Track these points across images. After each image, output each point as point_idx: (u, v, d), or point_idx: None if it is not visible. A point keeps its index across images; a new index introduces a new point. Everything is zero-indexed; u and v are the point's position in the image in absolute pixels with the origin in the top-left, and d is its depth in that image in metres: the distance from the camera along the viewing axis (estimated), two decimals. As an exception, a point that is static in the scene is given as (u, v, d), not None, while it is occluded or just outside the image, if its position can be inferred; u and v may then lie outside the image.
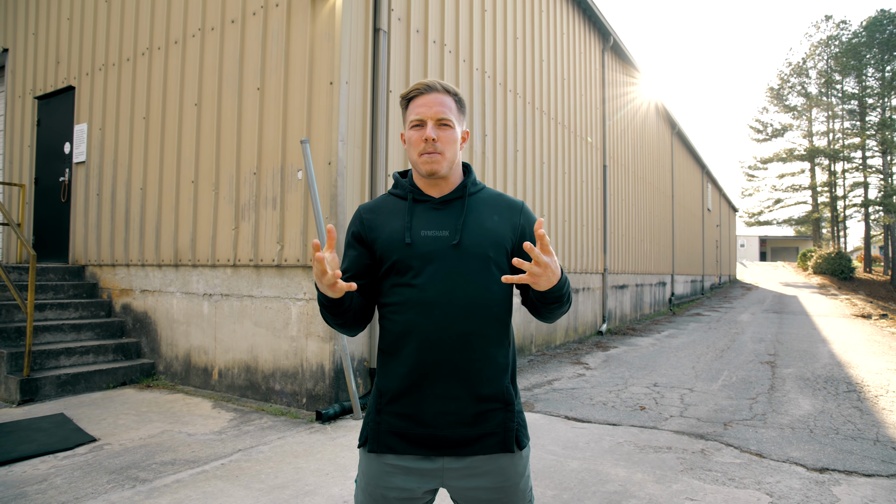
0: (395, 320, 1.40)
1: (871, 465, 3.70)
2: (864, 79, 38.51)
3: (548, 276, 1.24)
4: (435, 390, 1.36)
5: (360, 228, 1.48)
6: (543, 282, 1.24)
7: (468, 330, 1.36)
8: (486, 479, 1.38)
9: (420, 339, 1.36)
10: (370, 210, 1.50)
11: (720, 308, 17.87)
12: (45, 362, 5.34)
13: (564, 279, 1.33)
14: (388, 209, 1.48)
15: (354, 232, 1.49)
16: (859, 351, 8.83)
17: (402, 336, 1.38)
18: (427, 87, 1.43)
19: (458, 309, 1.36)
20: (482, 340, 1.38)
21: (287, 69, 5.14)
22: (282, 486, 3.22)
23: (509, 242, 1.45)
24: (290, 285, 5.01)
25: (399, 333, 1.39)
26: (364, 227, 1.47)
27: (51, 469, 3.44)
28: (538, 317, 1.45)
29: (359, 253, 1.47)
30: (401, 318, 1.38)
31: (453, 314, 1.36)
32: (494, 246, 1.41)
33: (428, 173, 1.42)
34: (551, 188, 9.10)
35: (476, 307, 1.37)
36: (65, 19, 7.42)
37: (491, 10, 7.42)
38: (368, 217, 1.48)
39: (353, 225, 1.50)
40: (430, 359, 1.36)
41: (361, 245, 1.47)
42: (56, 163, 7.46)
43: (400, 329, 1.39)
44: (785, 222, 48.78)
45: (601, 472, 3.52)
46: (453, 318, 1.36)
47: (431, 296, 1.35)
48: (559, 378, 6.60)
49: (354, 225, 1.50)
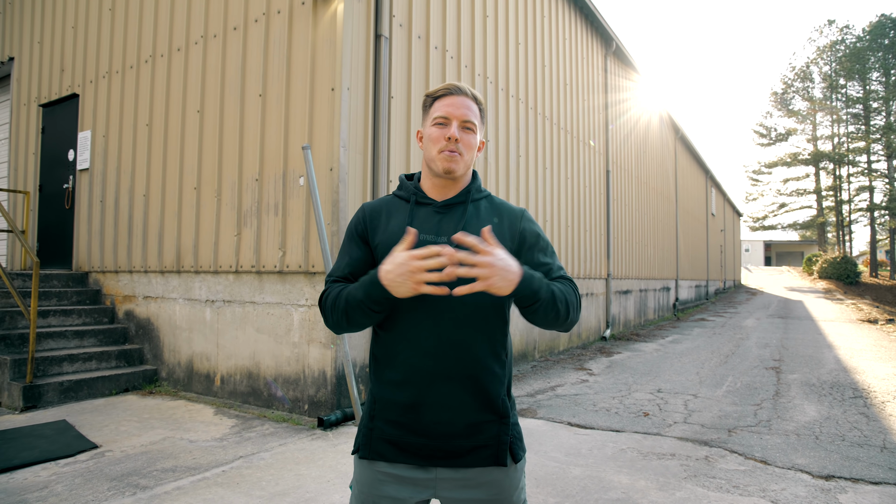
0: (389, 327, 1.38)
1: (879, 473, 3.66)
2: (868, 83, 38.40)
3: (500, 277, 1.17)
4: (428, 399, 1.34)
5: (364, 227, 1.46)
6: (497, 282, 1.17)
7: (464, 338, 1.35)
8: (479, 491, 1.36)
9: (415, 347, 1.35)
10: (374, 209, 1.48)
11: (725, 313, 17.79)
12: (48, 369, 5.35)
13: (532, 281, 1.25)
14: (391, 211, 1.47)
15: (358, 230, 1.47)
16: (866, 356, 8.76)
17: (396, 343, 1.37)
18: (457, 88, 1.43)
19: (454, 317, 1.34)
20: (478, 350, 1.36)
21: (289, 75, 5.15)
22: (283, 494, 3.20)
23: (508, 249, 1.44)
24: (292, 291, 5.00)
25: (393, 340, 1.38)
26: (367, 226, 1.46)
27: (52, 476, 3.44)
28: (536, 324, 1.41)
29: (361, 251, 1.45)
30: (395, 325, 1.37)
31: (449, 322, 1.34)
32: None
33: (445, 171, 1.40)
34: (554, 193, 9.09)
35: (472, 316, 1.36)
36: (69, 27, 7.48)
37: (493, 15, 7.44)
38: (372, 216, 1.47)
39: (357, 222, 1.48)
40: (425, 367, 1.34)
41: (364, 243, 1.45)
42: (60, 170, 7.50)
43: (394, 336, 1.37)
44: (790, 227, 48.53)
45: (604, 480, 3.49)
46: (449, 327, 1.34)
47: (427, 303, 1.33)
48: (562, 384, 6.57)
49: (358, 222, 1.48)
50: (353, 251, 1.45)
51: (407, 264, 1.18)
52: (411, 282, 1.18)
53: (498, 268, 1.17)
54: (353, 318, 1.32)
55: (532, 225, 1.49)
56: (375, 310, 1.28)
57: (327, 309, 1.37)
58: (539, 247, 1.46)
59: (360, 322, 1.32)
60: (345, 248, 1.48)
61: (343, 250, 1.48)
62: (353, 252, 1.45)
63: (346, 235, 1.50)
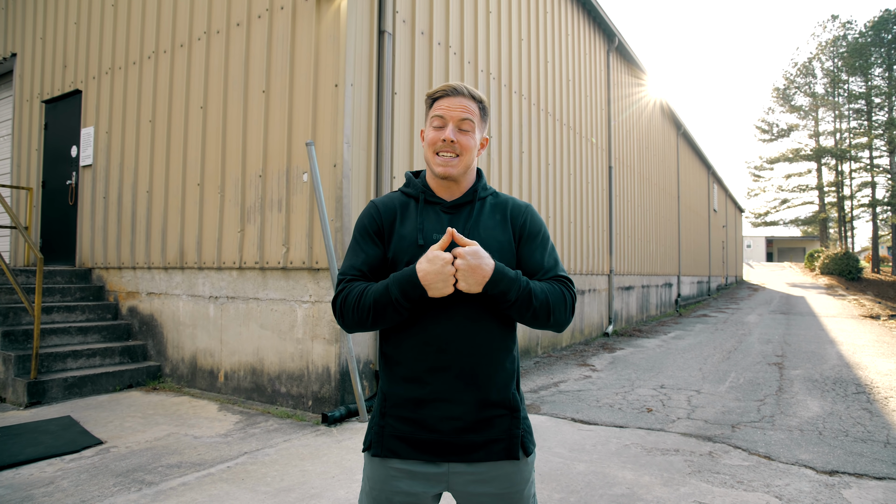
0: (400, 325, 1.38)
1: (882, 468, 3.66)
2: (870, 78, 38.28)
3: (467, 275, 1.25)
4: (440, 395, 1.34)
5: (378, 225, 1.44)
6: (465, 277, 1.25)
7: (474, 335, 1.35)
8: (492, 486, 1.37)
9: (425, 344, 1.35)
10: (386, 207, 1.47)
11: (727, 309, 17.78)
12: (52, 365, 5.36)
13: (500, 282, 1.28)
14: (399, 209, 1.46)
15: (372, 227, 1.45)
16: (868, 352, 8.75)
17: (407, 340, 1.37)
18: (454, 89, 1.43)
19: (464, 313, 1.34)
20: (488, 346, 1.37)
21: (292, 72, 5.14)
22: (287, 489, 3.21)
23: (514, 245, 1.44)
24: (296, 288, 5.01)
25: (404, 338, 1.38)
26: (380, 223, 1.45)
27: (57, 472, 3.45)
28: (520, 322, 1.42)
29: (377, 248, 1.43)
30: (406, 323, 1.37)
31: (460, 319, 1.34)
32: (499, 250, 1.40)
33: (441, 175, 1.42)
34: (557, 189, 9.08)
35: (482, 312, 1.36)
36: (72, 24, 7.47)
37: (496, 12, 7.42)
38: (384, 213, 1.46)
39: (371, 220, 1.46)
40: (436, 364, 1.34)
41: (380, 238, 1.44)
42: (63, 166, 7.50)
43: (405, 333, 1.37)
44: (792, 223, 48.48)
45: (608, 475, 3.50)
46: (460, 323, 1.34)
47: (438, 300, 1.33)
48: (565, 380, 6.57)
49: (372, 220, 1.45)
50: (369, 248, 1.43)
51: (446, 265, 1.25)
52: (450, 283, 1.25)
53: (462, 270, 1.25)
54: (381, 317, 1.31)
55: (534, 220, 1.49)
56: (409, 308, 1.30)
57: (348, 308, 1.34)
58: (537, 243, 1.46)
59: (389, 320, 1.33)
60: (358, 245, 1.45)
61: (356, 247, 1.45)
62: (369, 249, 1.43)
63: (357, 231, 1.48)
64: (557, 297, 1.36)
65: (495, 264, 1.29)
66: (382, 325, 1.34)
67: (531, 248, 1.44)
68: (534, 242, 1.45)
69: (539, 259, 1.43)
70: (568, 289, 1.39)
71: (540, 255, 1.44)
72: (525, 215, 1.48)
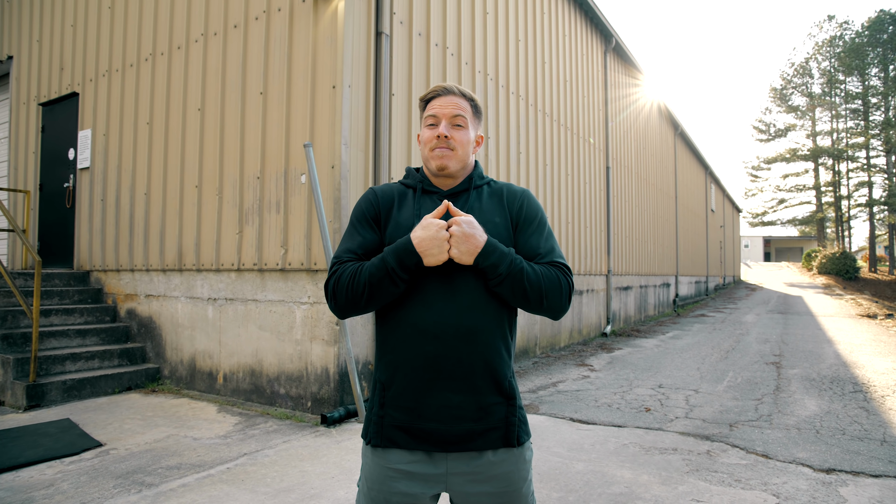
0: (395, 312, 1.38)
1: (879, 466, 3.68)
2: (867, 78, 38.39)
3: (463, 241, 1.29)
4: (437, 384, 1.34)
5: (376, 209, 1.46)
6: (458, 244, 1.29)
7: (471, 322, 1.35)
8: (490, 485, 1.37)
9: (422, 331, 1.34)
10: (385, 194, 1.49)
11: (725, 309, 17.82)
12: (50, 368, 5.36)
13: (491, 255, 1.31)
14: (398, 197, 1.48)
15: (370, 213, 1.46)
16: (865, 351, 8.78)
17: (403, 328, 1.37)
18: (444, 89, 1.46)
19: (460, 300, 1.35)
20: (485, 333, 1.36)
21: (290, 73, 5.15)
22: (287, 490, 3.22)
23: (511, 229, 1.45)
24: (295, 289, 5.02)
25: (400, 325, 1.37)
26: (378, 209, 1.46)
27: (57, 474, 3.45)
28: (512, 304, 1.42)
29: (374, 233, 1.44)
30: (402, 310, 1.37)
31: (456, 306, 1.34)
32: (496, 233, 1.40)
33: (437, 168, 1.43)
34: (554, 190, 9.10)
35: (479, 299, 1.36)
36: (68, 26, 7.47)
37: (493, 12, 7.44)
38: (382, 199, 1.48)
39: (369, 205, 1.47)
40: (433, 352, 1.33)
41: (377, 224, 1.45)
42: (60, 169, 7.50)
43: (401, 320, 1.37)
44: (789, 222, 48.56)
45: (607, 474, 3.51)
46: (456, 310, 1.34)
47: (434, 287, 1.34)
48: (564, 380, 6.59)
49: (370, 205, 1.47)
50: (366, 233, 1.44)
51: (441, 230, 1.29)
52: (444, 248, 1.29)
53: (457, 236, 1.29)
54: (377, 292, 1.32)
55: (530, 204, 1.49)
56: (405, 280, 1.31)
57: (342, 287, 1.34)
58: (534, 227, 1.46)
59: (385, 296, 1.33)
60: (354, 229, 1.46)
61: (353, 231, 1.46)
62: (366, 234, 1.44)
63: (354, 217, 1.48)
64: (552, 280, 1.35)
65: (488, 237, 1.32)
66: (376, 304, 1.35)
67: (528, 232, 1.45)
68: (530, 227, 1.45)
69: (535, 243, 1.43)
70: (564, 274, 1.39)
71: (536, 240, 1.44)
72: (522, 199, 1.49)
